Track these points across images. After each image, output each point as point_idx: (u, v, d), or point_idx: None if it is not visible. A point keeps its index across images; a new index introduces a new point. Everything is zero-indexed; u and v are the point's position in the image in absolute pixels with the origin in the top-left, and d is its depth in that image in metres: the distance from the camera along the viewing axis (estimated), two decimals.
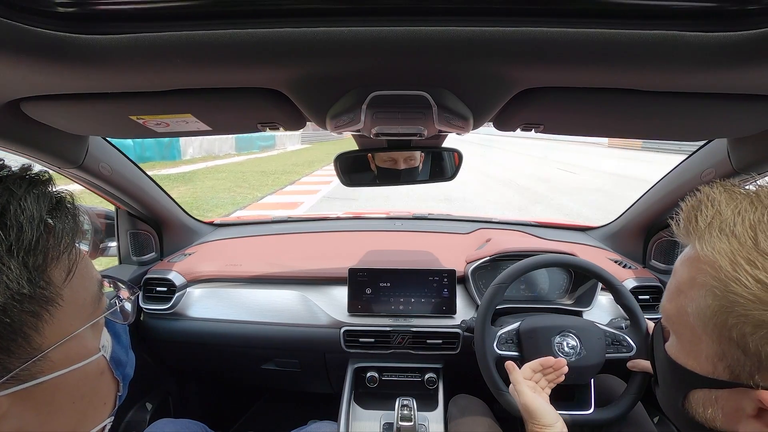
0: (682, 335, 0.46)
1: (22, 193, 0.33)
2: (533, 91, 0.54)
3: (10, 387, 0.32)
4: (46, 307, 0.33)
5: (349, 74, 0.48)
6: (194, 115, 0.63)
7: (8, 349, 0.31)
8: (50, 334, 0.34)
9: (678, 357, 0.46)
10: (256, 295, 1.33)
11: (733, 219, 0.38)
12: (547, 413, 0.79)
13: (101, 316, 0.41)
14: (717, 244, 0.38)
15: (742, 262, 0.36)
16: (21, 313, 0.31)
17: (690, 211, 0.42)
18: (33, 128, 0.68)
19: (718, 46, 0.38)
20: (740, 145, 0.85)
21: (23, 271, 0.31)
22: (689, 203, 0.43)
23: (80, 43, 0.39)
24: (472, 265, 1.29)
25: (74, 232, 0.36)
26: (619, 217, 1.54)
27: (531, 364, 0.90)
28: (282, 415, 1.81)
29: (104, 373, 0.42)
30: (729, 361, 0.40)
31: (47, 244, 0.34)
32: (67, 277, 0.36)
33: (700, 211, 0.41)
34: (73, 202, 0.38)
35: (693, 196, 0.44)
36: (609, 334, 1.00)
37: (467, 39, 0.40)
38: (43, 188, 0.36)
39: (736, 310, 0.37)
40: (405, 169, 1.07)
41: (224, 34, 0.39)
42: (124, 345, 0.49)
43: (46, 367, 0.34)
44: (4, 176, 0.34)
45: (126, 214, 1.36)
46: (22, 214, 0.32)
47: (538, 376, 0.89)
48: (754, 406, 0.39)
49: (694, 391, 0.45)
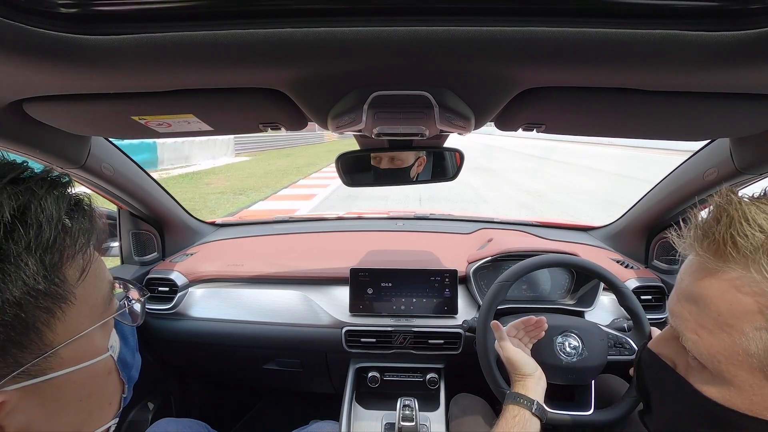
0: (735, 376, 0.39)
1: (43, 193, 0.34)
2: (535, 91, 0.54)
3: (20, 381, 0.33)
4: (59, 304, 0.34)
5: (351, 74, 0.48)
6: (196, 116, 0.63)
7: (21, 343, 0.32)
8: (61, 332, 0.35)
9: (726, 400, 0.40)
10: (258, 295, 1.33)
11: None
12: (527, 364, 0.87)
13: (111, 317, 0.42)
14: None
15: None
16: (35, 308, 0.32)
17: (723, 230, 0.37)
18: (35, 129, 0.69)
19: (720, 46, 0.38)
20: (743, 145, 0.85)
21: (40, 268, 0.32)
22: (713, 218, 0.39)
23: (82, 43, 0.39)
24: (473, 265, 1.29)
25: (90, 233, 0.38)
26: (621, 217, 1.54)
27: (515, 322, 0.96)
28: (283, 414, 1.82)
29: (111, 373, 0.43)
30: None
31: (64, 243, 0.35)
32: (81, 276, 0.37)
33: (737, 230, 0.37)
34: (90, 204, 0.40)
35: (709, 209, 0.40)
36: (611, 335, 1.00)
37: (469, 39, 0.40)
38: (63, 190, 0.37)
39: None
40: (406, 168, 1.07)
41: (226, 34, 0.39)
42: (131, 347, 0.50)
43: (56, 363, 0.35)
44: (27, 177, 0.35)
45: (128, 214, 1.36)
46: (42, 214, 0.33)
47: (521, 333, 0.96)
48: None
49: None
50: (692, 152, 1.09)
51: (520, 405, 0.80)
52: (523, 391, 0.83)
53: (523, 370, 0.86)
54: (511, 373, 0.88)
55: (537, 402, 0.80)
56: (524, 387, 0.84)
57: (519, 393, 0.82)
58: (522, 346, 0.94)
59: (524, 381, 0.85)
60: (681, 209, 1.22)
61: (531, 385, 0.84)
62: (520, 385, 0.84)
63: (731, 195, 0.40)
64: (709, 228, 0.40)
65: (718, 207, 0.40)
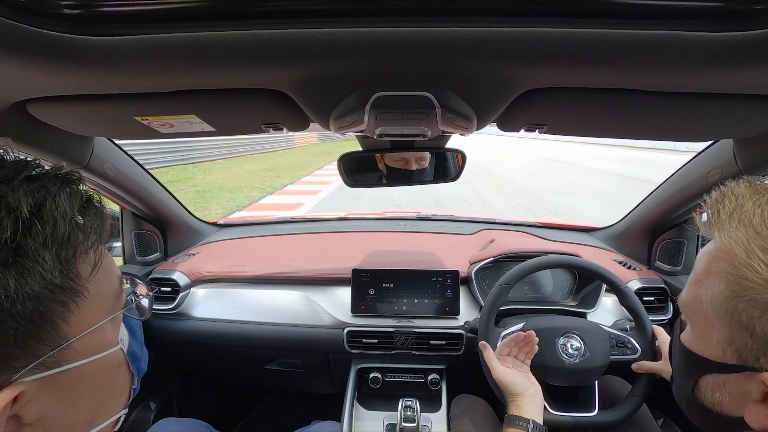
0: (696, 323, 0.48)
1: (57, 190, 0.35)
2: (537, 92, 0.53)
3: (37, 372, 0.34)
4: (73, 298, 0.35)
5: (353, 75, 0.48)
6: (198, 116, 0.63)
7: (38, 336, 0.33)
8: (75, 325, 0.36)
9: (691, 344, 0.48)
10: (260, 296, 1.33)
11: (752, 210, 0.40)
12: (516, 383, 0.87)
13: (121, 311, 0.43)
14: (734, 234, 0.40)
15: (756, 249, 0.38)
16: (52, 302, 0.33)
17: (714, 204, 0.44)
18: (39, 129, 0.69)
19: (723, 46, 0.38)
20: (746, 146, 0.84)
21: (56, 262, 0.33)
22: (713, 197, 0.45)
23: (86, 44, 0.39)
24: (475, 266, 1.29)
25: (101, 229, 0.39)
26: (623, 218, 1.53)
27: (506, 341, 0.94)
28: (285, 415, 1.82)
29: (121, 365, 0.45)
30: (737, 345, 0.41)
31: (77, 239, 0.36)
32: (93, 271, 0.38)
33: (723, 204, 0.43)
34: (100, 201, 0.40)
35: (717, 190, 0.45)
36: (613, 336, 1.00)
37: (471, 39, 0.40)
38: (75, 187, 0.38)
39: (746, 294, 0.38)
40: (416, 169, 1.07)
41: (229, 35, 0.39)
42: (139, 340, 0.52)
43: (70, 355, 0.36)
44: (41, 174, 0.36)
45: (130, 214, 1.36)
46: (56, 210, 0.34)
47: (515, 350, 0.93)
48: (759, 390, 0.40)
49: (704, 376, 0.46)
50: (696, 152, 1.08)
51: (517, 427, 0.80)
52: (517, 411, 0.83)
53: (513, 389, 0.86)
54: (505, 394, 0.88)
55: (532, 421, 0.80)
56: (517, 407, 0.83)
57: (514, 415, 0.82)
58: (519, 363, 0.92)
59: (516, 401, 0.85)
60: (684, 210, 1.21)
61: (524, 404, 0.84)
62: (514, 405, 0.84)
63: (742, 178, 0.45)
64: (709, 204, 0.46)
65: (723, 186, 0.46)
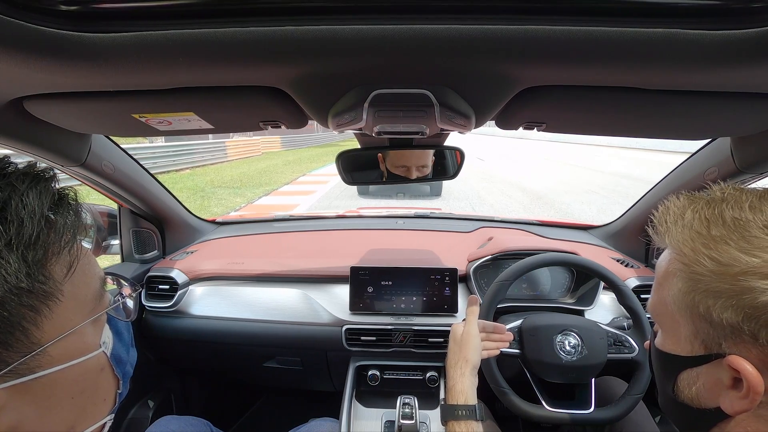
0: (664, 324, 0.51)
1: (24, 188, 0.33)
2: (535, 90, 0.53)
3: (8, 380, 0.32)
4: (45, 302, 0.33)
5: (352, 72, 0.48)
6: (196, 114, 0.63)
7: (6, 342, 0.31)
8: (49, 329, 0.34)
9: (664, 346, 0.51)
10: (258, 294, 1.33)
11: (692, 216, 0.45)
12: (472, 348, 0.81)
13: (102, 313, 0.42)
14: (681, 236, 0.45)
15: (700, 247, 0.43)
16: (19, 307, 0.32)
17: (661, 216, 0.49)
18: (36, 126, 0.69)
19: (721, 45, 0.38)
20: (744, 144, 0.85)
21: (22, 265, 0.31)
22: (660, 210, 0.50)
23: (83, 41, 0.39)
24: (473, 263, 1.29)
25: (75, 227, 0.37)
26: (621, 216, 1.54)
27: (486, 323, 0.92)
28: (284, 412, 1.82)
29: (104, 369, 0.42)
30: (702, 336, 0.44)
31: (48, 239, 0.34)
32: (68, 272, 0.36)
33: (668, 215, 0.48)
34: (76, 199, 0.38)
35: (663, 205, 0.50)
36: (611, 334, 1.00)
37: (470, 37, 0.40)
38: (46, 184, 0.36)
39: (699, 287, 0.43)
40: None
41: (227, 32, 0.39)
42: (126, 343, 0.49)
43: (45, 361, 0.34)
44: (8, 172, 0.34)
45: (129, 212, 1.36)
46: (23, 209, 0.32)
47: (484, 335, 0.90)
48: (729, 376, 0.42)
49: (680, 374, 0.48)
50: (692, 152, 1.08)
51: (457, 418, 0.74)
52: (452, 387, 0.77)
53: (463, 352, 0.80)
54: (449, 357, 0.83)
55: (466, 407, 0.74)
56: (453, 384, 0.77)
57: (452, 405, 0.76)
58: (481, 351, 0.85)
59: (455, 372, 0.79)
60: None
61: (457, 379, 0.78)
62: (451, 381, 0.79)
63: (681, 193, 0.50)
64: (657, 218, 0.50)
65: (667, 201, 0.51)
